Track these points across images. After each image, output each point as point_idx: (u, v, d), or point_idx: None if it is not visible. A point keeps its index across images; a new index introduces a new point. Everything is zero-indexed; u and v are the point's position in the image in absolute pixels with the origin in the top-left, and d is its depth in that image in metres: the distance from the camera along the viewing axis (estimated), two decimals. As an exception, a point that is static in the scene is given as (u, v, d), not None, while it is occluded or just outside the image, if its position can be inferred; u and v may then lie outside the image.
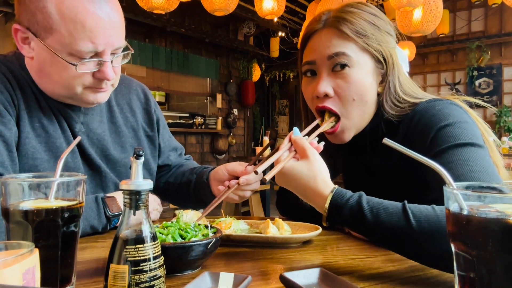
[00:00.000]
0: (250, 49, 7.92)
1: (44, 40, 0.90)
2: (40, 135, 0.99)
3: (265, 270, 0.72)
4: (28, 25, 0.92)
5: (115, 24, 0.94)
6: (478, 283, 0.44)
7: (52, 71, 0.94)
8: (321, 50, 0.95)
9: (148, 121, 1.25)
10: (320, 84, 0.95)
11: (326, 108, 0.95)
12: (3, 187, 0.55)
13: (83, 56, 0.91)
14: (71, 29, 0.88)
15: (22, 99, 0.97)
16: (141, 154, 0.54)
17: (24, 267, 0.41)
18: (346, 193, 0.74)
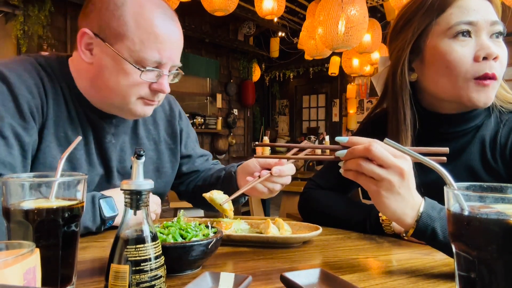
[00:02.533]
0: (250, 49, 7.93)
1: (113, 46, 0.93)
2: (62, 145, 0.99)
3: (266, 270, 0.72)
4: (97, 31, 0.94)
5: (179, 43, 1.00)
6: (478, 284, 0.44)
7: (112, 78, 0.95)
8: (484, 13, 0.90)
9: (171, 133, 1.26)
10: (492, 44, 0.90)
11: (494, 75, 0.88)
12: (4, 187, 0.55)
13: (147, 64, 0.93)
14: (143, 38, 0.92)
15: (52, 107, 0.97)
16: (141, 154, 0.54)
17: (24, 267, 0.41)
18: (435, 204, 0.73)
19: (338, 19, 3.39)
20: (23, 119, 0.91)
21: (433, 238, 0.72)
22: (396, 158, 0.70)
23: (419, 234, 0.72)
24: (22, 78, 0.94)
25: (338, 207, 1.07)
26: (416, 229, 0.72)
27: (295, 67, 9.02)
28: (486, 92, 0.90)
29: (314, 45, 4.41)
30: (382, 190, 0.71)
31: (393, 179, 0.70)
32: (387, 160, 0.70)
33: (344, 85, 8.53)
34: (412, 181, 0.72)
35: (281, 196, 4.43)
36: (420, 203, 0.73)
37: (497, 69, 0.89)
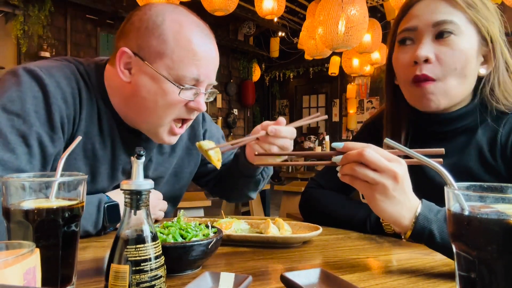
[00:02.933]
0: (250, 49, 7.93)
1: (152, 65, 0.92)
2: (88, 157, 0.98)
3: (266, 270, 0.72)
4: (137, 50, 0.94)
5: (216, 61, 1.00)
6: (479, 284, 0.44)
7: (150, 97, 0.94)
8: (427, 16, 0.92)
9: (193, 137, 1.24)
10: (421, 47, 0.91)
11: (425, 76, 0.90)
12: (4, 187, 0.55)
13: (186, 82, 0.93)
14: (182, 55, 0.92)
15: (84, 119, 0.96)
16: (141, 154, 0.54)
17: (24, 267, 0.41)
18: (432, 206, 0.74)
19: (338, 19, 3.39)
20: (51, 129, 0.90)
21: (430, 240, 0.72)
22: (390, 162, 0.71)
23: (416, 236, 0.73)
24: (60, 85, 0.92)
25: (338, 207, 1.07)
26: (413, 231, 0.72)
27: (295, 67, 9.02)
28: (424, 93, 0.92)
29: (314, 45, 4.41)
30: (377, 193, 0.72)
31: (386, 182, 0.70)
32: (380, 164, 0.70)
33: (344, 85, 8.54)
34: (408, 184, 0.73)
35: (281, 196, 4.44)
36: (417, 205, 0.73)
37: (431, 70, 0.90)
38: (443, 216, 0.72)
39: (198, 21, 0.98)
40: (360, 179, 0.73)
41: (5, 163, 0.82)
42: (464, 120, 0.96)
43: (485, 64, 0.94)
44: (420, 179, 0.96)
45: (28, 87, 0.88)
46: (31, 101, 0.87)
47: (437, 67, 0.91)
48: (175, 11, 0.96)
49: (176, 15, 0.95)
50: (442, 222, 0.71)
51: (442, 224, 0.71)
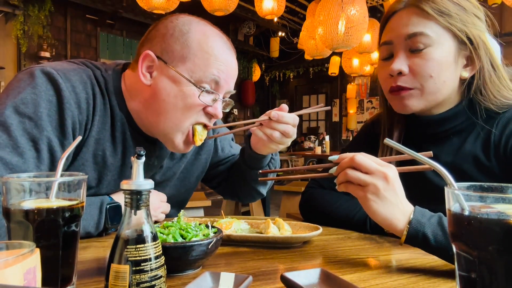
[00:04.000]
0: (250, 49, 7.93)
1: (175, 68, 0.95)
2: (98, 163, 0.98)
3: (266, 270, 0.72)
4: (159, 54, 0.96)
5: (235, 72, 1.03)
6: (479, 284, 0.44)
7: (170, 100, 0.95)
8: (399, 30, 0.94)
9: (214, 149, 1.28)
10: (395, 61, 0.94)
11: (399, 87, 0.95)
12: (4, 187, 0.55)
13: (206, 83, 0.95)
14: (204, 58, 0.95)
15: (97, 125, 0.96)
16: (142, 154, 0.54)
17: (25, 267, 0.41)
18: (425, 212, 0.75)
19: (338, 19, 3.39)
20: (62, 135, 0.89)
21: (425, 243, 0.73)
22: (380, 166, 0.74)
23: (411, 239, 0.74)
24: (75, 90, 0.92)
25: (338, 207, 1.07)
26: (408, 234, 0.73)
27: (295, 67, 9.01)
28: (400, 100, 0.97)
29: (314, 45, 4.40)
30: (369, 194, 0.74)
31: (377, 183, 0.73)
32: (370, 166, 0.74)
33: (344, 85, 8.53)
34: (399, 188, 0.75)
35: (281, 196, 4.44)
36: (410, 210, 0.75)
37: (406, 81, 0.94)
38: (436, 221, 0.74)
39: (222, 35, 1.02)
40: (353, 183, 0.76)
41: (13, 167, 0.81)
42: (453, 121, 0.98)
43: (469, 66, 0.95)
44: (416, 181, 0.98)
45: (43, 90, 0.88)
46: (45, 105, 0.87)
47: (411, 78, 0.94)
48: (201, 23, 1.00)
49: (202, 26, 0.99)
50: (436, 226, 0.73)
51: (436, 228, 0.73)
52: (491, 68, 0.93)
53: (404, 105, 0.96)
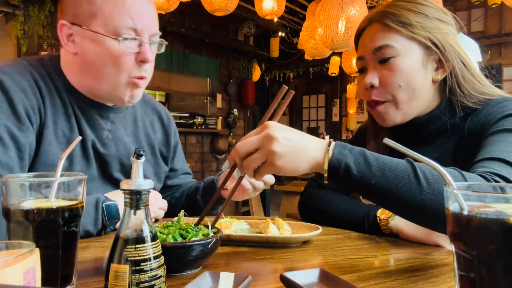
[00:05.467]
0: (250, 49, 7.92)
1: (89, 27, 0.97)
2: (62, 142, 1.01)
3: (266, 270, 0.72)
4: (73, 19, 0.99)
5: (151, 11, 1.04)
6: (478, 283, 0.44)
7: (97, 60, 0.99)
8: (368, 45, 1.00)
9: (165, 142, 1.29)
10: (367, 76, 1.00)
11: (374, 101, 1.00)
12: (4, 187, 0.55)
13: (124, 32, 0.97)
14: (112, 9, 0.97)
15: (49, 107, 1.00)
16: (141, 154, 0.54)
17: (24, 266, 0.41)
18: (347, 144, 0.76)
19: (338, 19, 3.39)
20: (18, 121, 0.93)
21: (347, 174, 0.72)
22: (258, 134, 0.72)
23: (333, 171, 0.73)
24: (15, 80, 0.96)
25: (337, 207, 1.07)
26: (329, 165, 0.72)
27: (295, 67, 9.01)
28: (378, 115, 1.02)
29: (314, 45, 4.40)
30: (274, 161, 0.71)
31: (268, 148, 0.71)
32: (251, 142, 0.72)
33: (344, 85, 8.53)
34: (289, 130, 0.73)
35: (281, 196, 4.44)
36: (324, 141, 0.75)
37: (378, 94, 0.99)
38: (358, 151, 0.73)
39: None
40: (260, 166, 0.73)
41: None
42: (435, 123, 1.01)
43: (440, 69, 0.99)
44: None
45: None
46: None
47: (382, 91, 0.99)
48: None
49: None
50: (358, 156, 0.73)
51: (358, 157, 0.72)
52: (462, 66, 0.97)
53: (384, 119, 1.02)
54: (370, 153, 0.74)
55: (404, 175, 0.70)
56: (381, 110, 1.00)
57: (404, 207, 0.72)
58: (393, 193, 0.71)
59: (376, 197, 0.75)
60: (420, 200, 0.69)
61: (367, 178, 0.72)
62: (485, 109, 0.96)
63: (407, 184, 0.70)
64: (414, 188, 0.70)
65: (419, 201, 0.70)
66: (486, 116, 0.94)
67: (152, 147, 1.24)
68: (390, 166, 0.72)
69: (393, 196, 0.71)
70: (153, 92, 7.47)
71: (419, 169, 0.71)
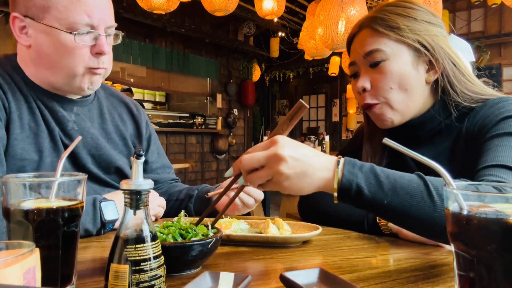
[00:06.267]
0: (250, 49, 7.92)
1: (42, 21, 0.97)
2: (29, 136, 1.01)
3: (265, 269, 0.72)
4: (25, 12, 0.98)
5: (106, 3, 1.03)
6: (478, 283, 0.44)
7: (51, 52, 0.99)
8: (359, 50, 1.02)
9: (137, 134, 1.28)
10: (359, 80, 1.02)
11: (368, 104, 1.01)
12: (4, 187, 0.55)
13: (79, 27, 0.97)
14: (67, 4, 0.96)
15: (13, 102, 1.00)
16: (141, 154, 0.54)
17: (24, 266, 0.41)
18: (356, 161, 0.72)
19: (338, 19, 3.39)
20: None
21: (358, 194, 0.69)
22: (266, 150, 0.69)
23: (343, 193, 0.70)
24: None
25: (336, 206, 1.07)
26: (340, 187, 0.69)
27: (295, 67, 9.01)
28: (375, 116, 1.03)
29: (314, 45, 4.40)
30: (281, 182, 0.69)
31: (276, 168, 0.68)
32: (258, 158, 0.69)
33: (344, 85, 8.53)
34: (298, 148, 0.70)
35: (281, 196, 4.43)
36: (334, 159, 0.71)
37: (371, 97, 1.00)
38: (368, 169, 0.70)
39: None
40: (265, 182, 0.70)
41: None
42: (430, 123, 1.02)
43: (431, 70, 0.99)
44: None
45: None
46: None
47: (374, 93, 1.01)
48: None
49: None
50: (368, 173, 0.70)
51: (369, 176, 0.69)
52: (453, 66, 0.98)
53: (382, 120, 1.02)
54: (381, 169, 0.71)
55: (417, 192, 0.68)
56: (377, 111, 1.01)
57: (418, 225, 0.71)
58: (406, 212, 0.69)
59: (389, 216, 0.73)
60: (433, 218, 0.68)
61: (379, 198, 0.69)
62: (482, 110, 0.96)
63: (420, 202, 0.68)
64: (428, 206, 0.68)
65: (432, 219, 0.68)
66: (484, 118, 0.94)
67: (123, 139, 1.22)
68: (402, 184, 0.69)
69: (407, 215, 0.69)
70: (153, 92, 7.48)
71: (432, 185, 0.68)
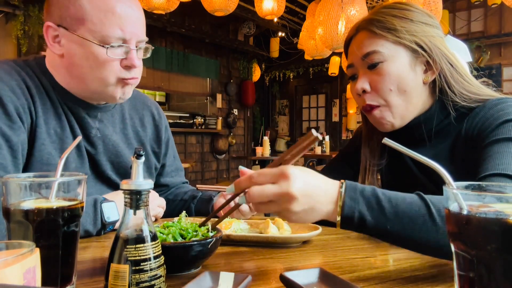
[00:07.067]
0: (250, 49, 7.92)
1: (76, 32, 0.97)
2: (55, 141, 1.02)
3: (265, 269, 0.72)
4: (59, 22, 0.99)
5: (140, 17, 1.04)
6: (477, 283, 0.44)
7: (84, 63, 0.99)
8: (356, 52, 1.02)
9: (156, 138, 1.29)
10: (358, 82, 1.02)
11: (370, 106, 1.01)
12: (4, 187, 0.55)
13: (111, 41, 0.97)
14: (102, 17, 0.97)
15: (40, 106, 1.00)
16: (141, 154, 0.54)
17: (25, 266, 0.41)
18: (357, 185, 0.71)
19: (338, 19, 3.39)
20: (9, 120, 0.93)
21: (361, 222, 0.68)
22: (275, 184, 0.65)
23: (347, 222, 0.68)
24: (4, 80, 0.96)
25: None
26: (343, 216, 0.68)
27: (295, 67, 9.01)
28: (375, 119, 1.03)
29: (314, 45, 4.40)
30: (289, 217, 0.67)
31: (286, 206, 0.65)
32: (268, 194, 0.65)
33: (344, 85, 8.53)
34: (309, 183, 0.67)
35: (281, 196, 4.43)
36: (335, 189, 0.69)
37: (372, 99, 1.00)
38: (369, 193, 0.69)
39: None
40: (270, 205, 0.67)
41: None
42: (428, 124, 1.02)
43: (429, 70, 1.00)
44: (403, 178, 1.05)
45: None
46: None
47: (374, 95, 1.00)
48: None
49: None
50: (370, 197, 0.68)
51: (371, 202, 0.68)
52: (450, 67, 0.98)
53: (382, 124, 1.02)
54: (382, 192, 0.70)
55: (419, 216, 0.67)
56: (377, 114, 1.01)
57: (421, 247, 0.70)
58: (409, 236, 0.68)
59: (392, 241, 0.73)
60: (437, 240, 0.67)
61: (382, 224, 0.68)
62: (482, 111, 0.96)
63: (423, 226, 0.67)
64: (430, 228, 0.67)
65: (435, 241, 0.67)
66: (483, 121, 0.94)
67: (142, 144, 1.24)
68: (404, 208, 0.68)
69: (410, 239, 0.69)
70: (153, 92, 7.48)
71: (433, 206, 0.68)
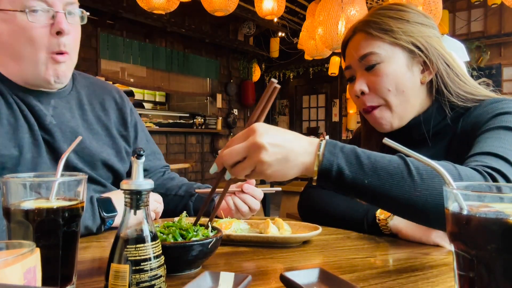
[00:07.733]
0: (250, 49, 7.93)
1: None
2: (8, 132, 1.00)
3: (265, 269, 0.72)
4: None
5: None
6: (477, 283, 0.44)
7: (11, 39, 0.96)
8: (353, 54, 1.03)
9: (122, 121, 1.25)
10: (356, 84, 1.03)
11: (371, 107, 1.02)
12: (4, 187, 0.55)
13: (32, 4, 0.94)
14: None
15: None
16: (141, 154, 0.54)
17: (25, 266, 0.41)
18: (338, 142, 0.73)
19: (338, 19, 3.39)
20: None
21: (339, 175, 0.69)
22: (244, 142, 0.69)
23: (324, 174, 0.70)
24: None
25: (336, 206, 1.07)
26: (321, 168, 0.69)
27: (295, 67, 9.01)
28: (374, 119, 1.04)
29: (314, 45, 4.40)
30: (264, 171, 0.69)
31: (256, 158, 0.68)
32: (238, 151, 0.68)
33: (344, 85, 8.53)
34: (277, 134, 0.70)
35: (281, 196, 4.44)
36: (316, 142, 0.71)
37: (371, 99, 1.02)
38: (349, 149, 0.71)
39: None
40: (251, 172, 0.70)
41: None
42: (426, 125, 1.02)
43: (426, 71, 1.00)
44: None
45: None
46: None
47: (373, 96, 1.01)
48: None
49: None
50: (350, 153, 0.70)
51: (350, 156, 0.70)
52: (446, 67, 0.99)
53: (381, 124, 1.03)
54: (362, 150, 0.72)
55: (398, 172, 0.69)
56: (377, 114, 1.02)
57: (398, 206, 0.71)
58: (386, 192, 0.69)
59: (369, 197, 0.73)
60: (414, 197, 0.68)
61: (360, 178, 0.69)
62: (476, 109, 0.97)
63: (401, 181, 0.69)
64: (408, 185, 0.69)
65: (413, 199, 0.68)
66: (477, 117, 0.95)
67: (106, 129, 1.20)
68: (383, 164, 0.70)
69: (387, 195, 0.70)
70: (153, 92, 7.49)
71: (412, 164, 0.70)
